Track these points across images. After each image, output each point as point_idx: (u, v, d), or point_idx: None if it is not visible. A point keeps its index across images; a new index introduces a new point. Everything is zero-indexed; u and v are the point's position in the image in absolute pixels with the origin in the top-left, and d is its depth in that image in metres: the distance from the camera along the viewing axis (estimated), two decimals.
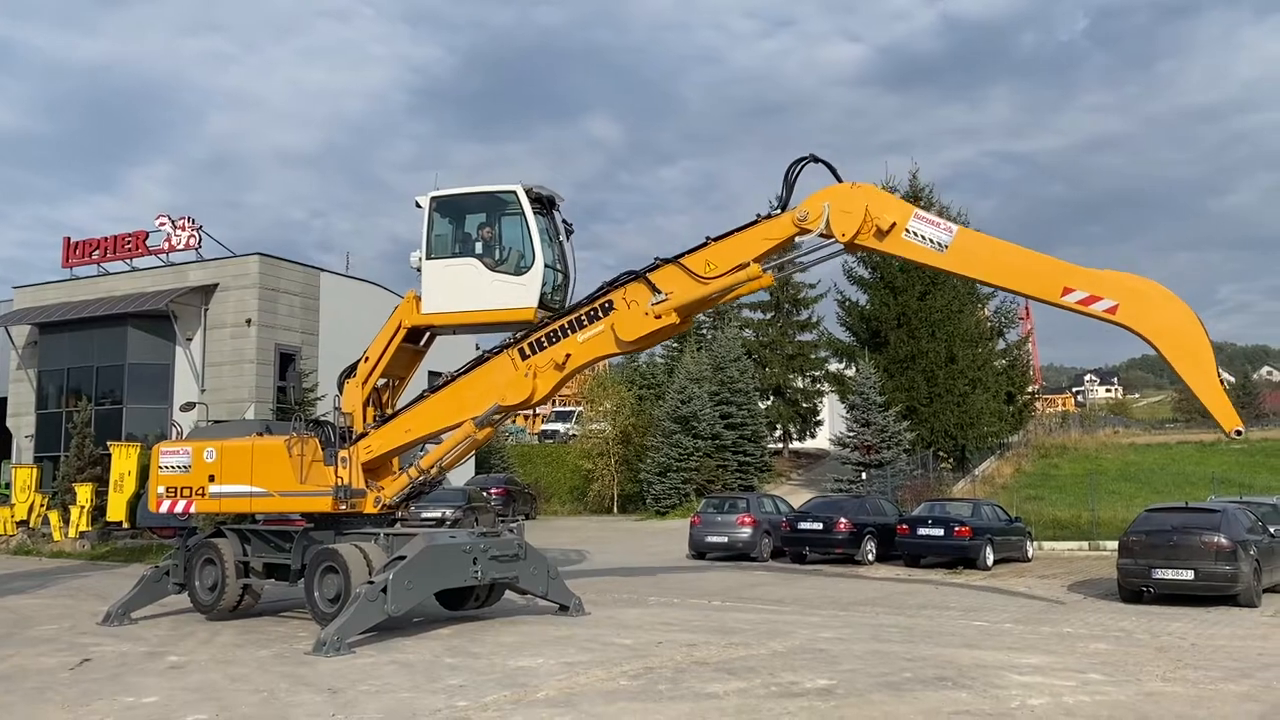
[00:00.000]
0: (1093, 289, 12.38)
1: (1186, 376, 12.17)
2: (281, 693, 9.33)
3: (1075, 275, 12.58)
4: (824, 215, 13.17)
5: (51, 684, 9.88)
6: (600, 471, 42.28)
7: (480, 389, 14.21)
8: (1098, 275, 12.56)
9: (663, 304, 13.45)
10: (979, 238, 13.34)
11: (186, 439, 15.55)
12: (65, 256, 35.99)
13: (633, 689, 9.29)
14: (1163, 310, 12.17)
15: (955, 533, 21.62)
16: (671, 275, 13.69)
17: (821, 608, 15.64)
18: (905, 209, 13.21)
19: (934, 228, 13.00)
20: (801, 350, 47.78)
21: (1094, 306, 12.29)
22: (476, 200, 15.02)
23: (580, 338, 13.84)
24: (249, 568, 14.57)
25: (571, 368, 14.03)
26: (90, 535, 27.74)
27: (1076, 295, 12.38)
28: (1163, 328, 12.20)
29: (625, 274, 13.99)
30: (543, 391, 13.98)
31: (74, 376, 35.35)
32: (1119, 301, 12.25)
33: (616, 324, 13.65)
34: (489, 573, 13.59)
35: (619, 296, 13.80)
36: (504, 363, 14.18)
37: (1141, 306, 12.23)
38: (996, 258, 13.05)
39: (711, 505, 25.66)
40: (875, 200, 13.22)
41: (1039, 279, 12.81)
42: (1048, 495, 33.27)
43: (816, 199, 13.42)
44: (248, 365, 32.67)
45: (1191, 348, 12.07)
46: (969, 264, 13.04)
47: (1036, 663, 10.63)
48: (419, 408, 14.64)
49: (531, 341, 14.03)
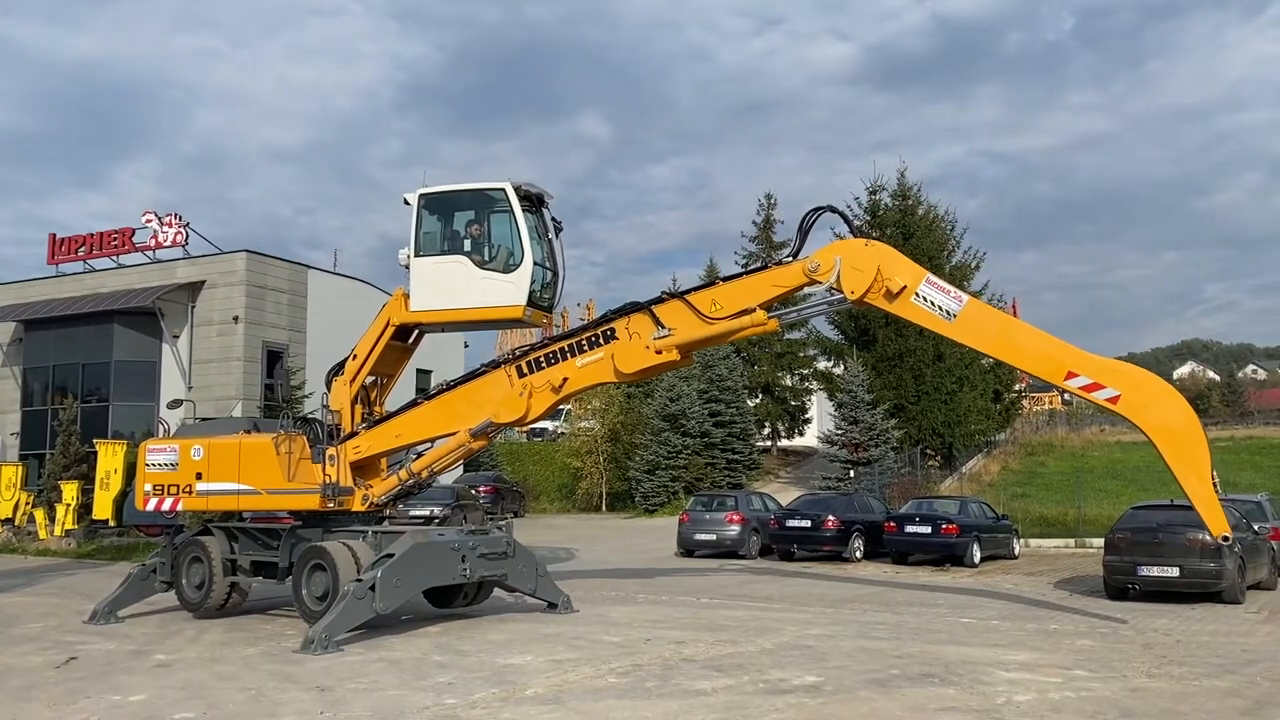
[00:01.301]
0: (1096, 377, 12.45)
1: (1181, 476, 12.18)
2: (269, 691, 9.31)
3: (1079, 361, 12.61)
4: (835, 270, 13.07)
5: (37, 683, 9.84)
6: (589, 469, 42.32)
7: (474, 402, 14.15)
8: (1102, 364, 12.69)
9: (665, 339, 13.40)
10: (988, 311, 13.33)
11: (174, 437, 15.47)
12: (51, 253, 35.83)
13: (621, 686, 9.30)
14: (1163, 407, 12.24)
15: (942, 530, 21.71)
16: (676, 310, 13.64)
17: (809, 605, 15.68)
18: (918, 273, 13.05)
19: (944, 295, 12.87)
20: (790, 348, 47.86)
21: (1096, 394, 12.41)
22: (465, 197, 14.96)
23: (579, 362, 13.78)
24: (236, 566, 14.52)
25: (567, 391, 13.99)
26: (76, 533, 27.59)
27: (1080, 381, 12.48)
28: (1162, 425, 12.23)
29: (630, 304, 13.96)
30: (536, 412, 13.89)
31: (59, 374, 35.20)
32: (1121, 393, 12.31)
33: (617, 354, 13.59)
34: (477, 570, 13.58)
35: (622, 326, 13.74)
36: (500, 379, 14.12)
37: (1143, 400, 12.31)
38: (1003, 335, 13.10)
39: (700, 503, 25.70)
40: (888, 261, 13.08)
41: (1044, 361, 12.85)
42: (1034, 493, 33.42)
43: (829, 252, 13.33)
44: (235, 363, 32.57)
45: (1189, 448, 12.09)
46: (976, 336, 13.02)
47: (1023, 659, 10.68)
48: (411, 414, 14.57)
49: (529, 360, 13.97)
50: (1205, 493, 12.10)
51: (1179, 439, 12.16)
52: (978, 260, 39.81)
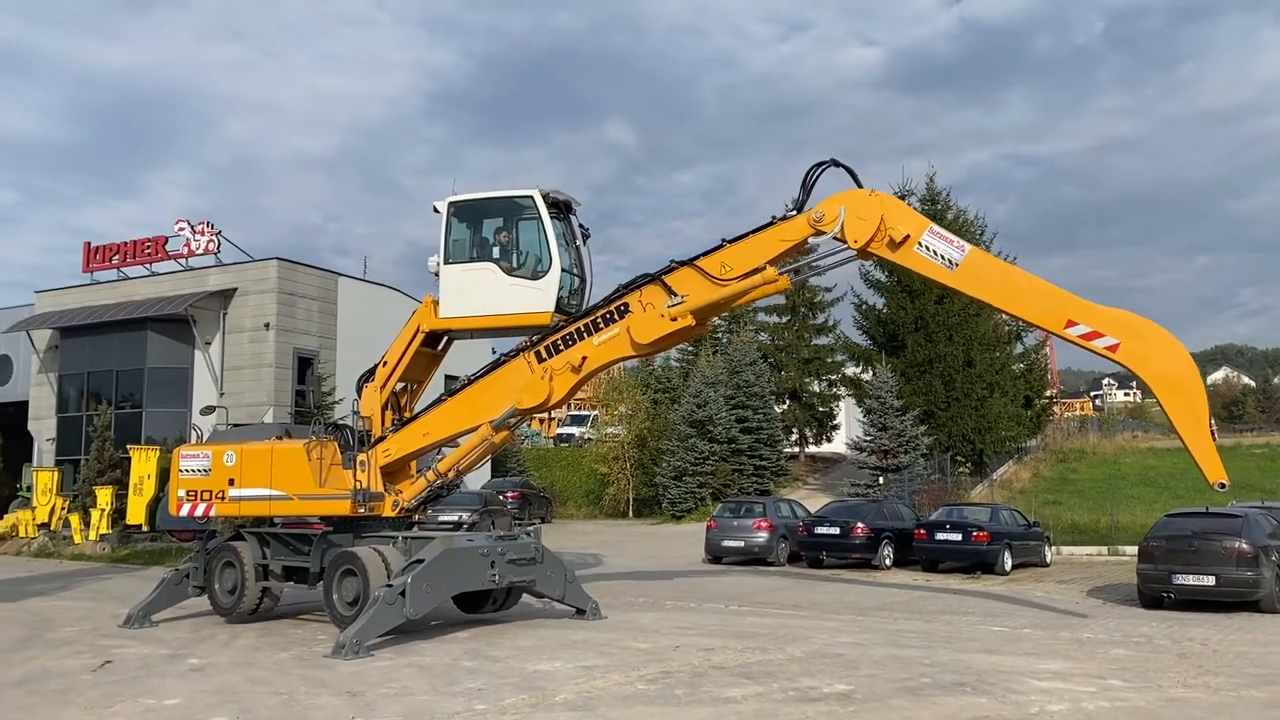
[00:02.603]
0: (1096, 325, 12.44)
1: (1179, 424, 12.15)
2: (301, 695, 9.38)
3: (1080, 309, 12.62)
4: (839, 219, 13.18)
5: (74, 686, 9.96)
6: (616, 475, 42.31)
7: (497, 392, 14.25)
8: (1102, 312, 12.61)
9: (679, 306, 13.48)
10: (990, 260, 13.39)
11: (206, 443, 15.62)
12: (86, 261, 36.29)
13: (650, 693, 9.29)
14: (1163, 355, 12.22)
15: (973, 538, 21.53)
16: (687, 277, 13.71)
17: (839, 613, 15.60)
18: (921, 223, 13.17)
19: (947, 244, 12.98)
20: (818, 354, 47.67)
21: (1095, 343, 12.39)
22: (494, 205, 15.06)
23: (596, 340, 13.88)
24: (268, 570, 14.64)
25: (588, 370, 14.06)
26: (110, 538, 27.92)
27: (1079, 329, 12.47)
28: (1161, 373, 12.24)
29: (641, 277, 14.01)
30: (559, 394, 14.00)
31: (94, 380, 35.61)
32: (1120, 340, 12.32)
33: (632, 327, 13.68)
34: (506, 576, 13.62)
35: (635, 299, 13.83)
36: (520, 366, 14.22)
37: (1142, 349, 12.30)
38: (1005, 281, 13.12)
39: (728, 509, 25.62)
40: (891, 210, 13.20)
41: (1044, 308, 12.88)
42: (1066, 500, 33.07)
43: (834, 201, 13.43)
44: (266, 369, 32.84)
45: (1189, 396, 12.09)
46: (977, 284, 13.05)
47: (1056, 668, 10.58)
48: (436, 411, 14.70)
49: (548, 345, 14.06)
50: (1204, 441, 11.98)
51: (1179, 388, 12.08)
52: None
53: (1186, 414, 12.08)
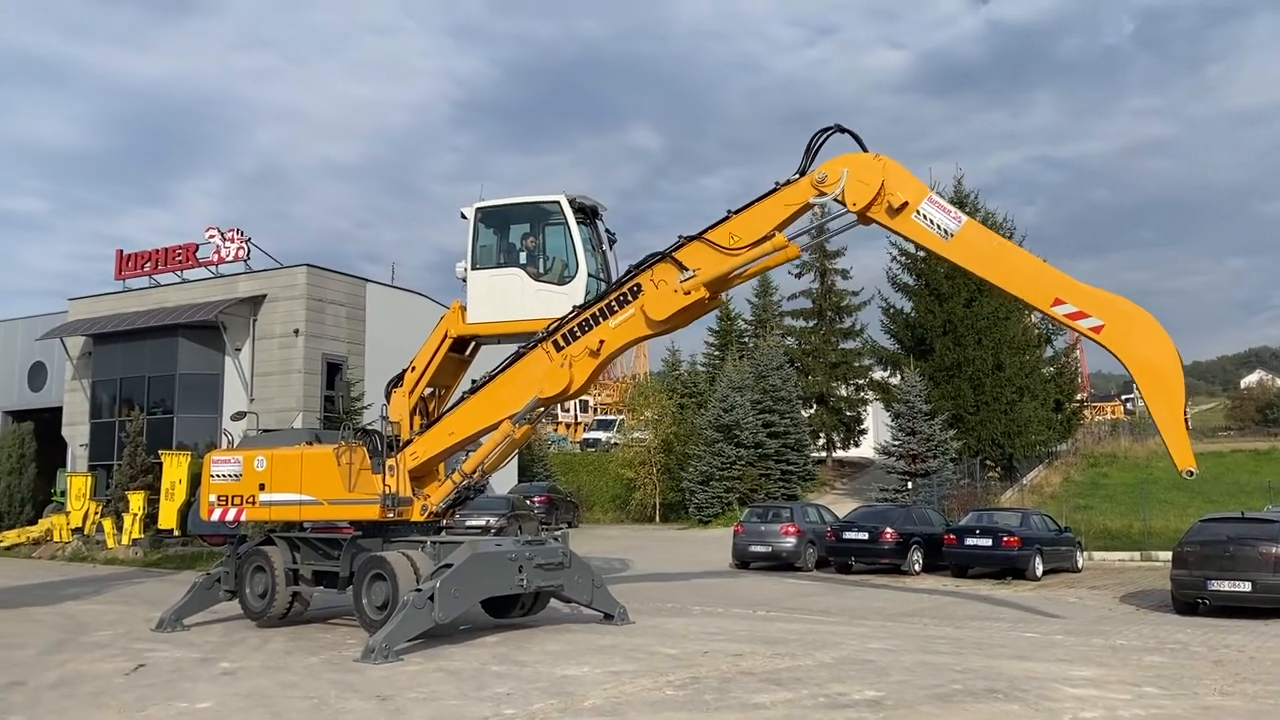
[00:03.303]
0: (1082, 305, 12.47)
1: (1154, 409, 12.24)
2: (331, 699, 9.42)
3: (1069, 289, 12.66)
4: (842, 180, 13.15)
5: (108, 689, 10.06)
6: (642, 480, 42.28)
7: (518, 384, 14.30)
8: (1090, 293, 12.64)
9: (691, 280, 13.45)
10: (985, 234, 13.33)
11: (237, 448, 15.76)
12: (118, 269, 36.78)
13: (679, 699, 9.26)
14: (1146, 340, 12.23)
15: (1003, 543, 21.35)
16: (697, 251, 13.69)
17: (868, 618, 15.51)
18: (920, 190, 13.14)
19: (944, 214, 12.99)
20: (845, 358, 47.46)
21: (1080, 322, 12.46)
22: (520, 211, 15.13)
23: (612, 323, 13.87)
24: (298, 575, 14.72)
25: (606, 353, 14.05)
26: (143, 542, 28.21)
27: (1066, 308, 12.52)
28: (1142, 358, 12.27)
29: (651, 255, 13.98)
30: (580, 380, 14.01)
31: (126, 386, 36.04)
32: (1105, 322, 12.34)
33: (646, 305, 13.67)
34: (534, 581, 13.64)
35: (646, 279, 13.81)
36: (539, 356, 14.25)
37: (1126, 331, 12.32)
38: (998, 256, 13.14)
39: (755, 514, 25.55)
40: (894, 175, 13.16)
41: (1033, 285, 12.92)
42: (1098, 505, 32.75)
43: (837, 163, 13.41)
44: (295, 375, 33.12)
45: (1167, 382, 12.12)
46: (970, 256, 13.05)
47: (1090, 675, 10.45)
48: (460, 410, 14.75)
49: (564, 333, 14.09)
50: (1177, 428, 12.09)
51: (1158, 373, 12.12)
52: None
53: (1164, 400, 12.13)
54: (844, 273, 48.55)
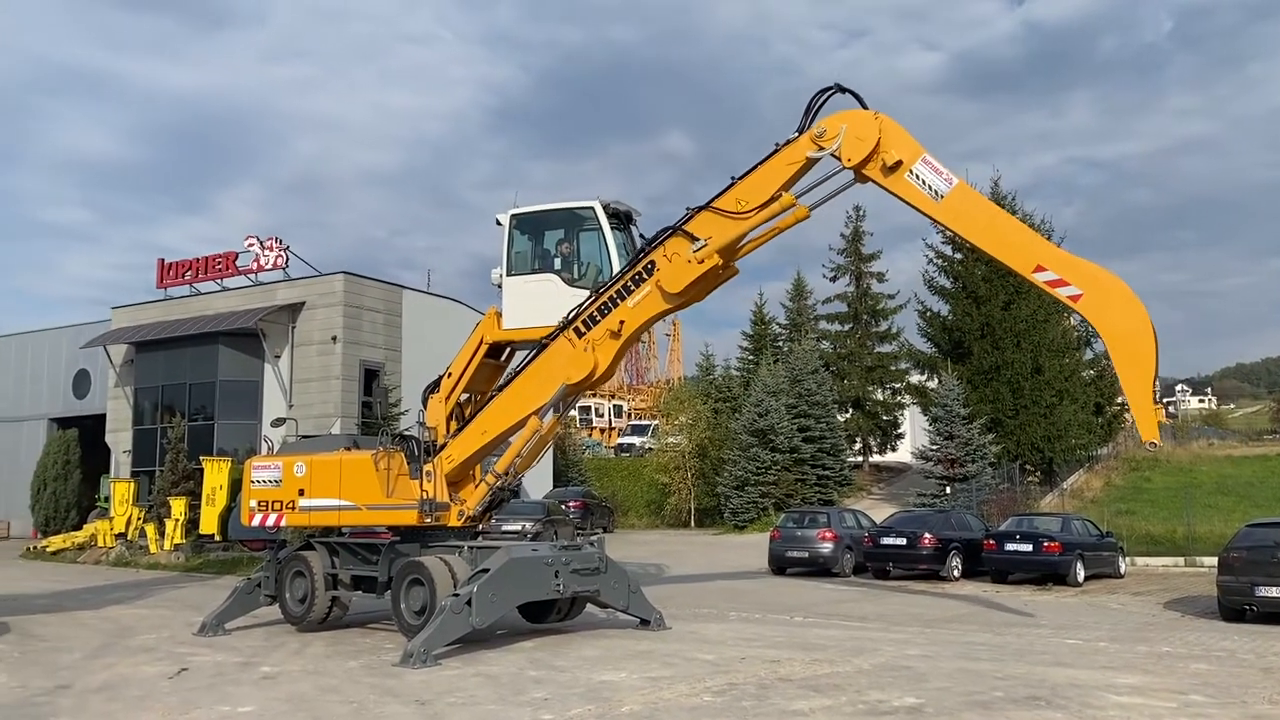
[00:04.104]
0: (1062, 273, 12.56)
1: (1125, 380, 12.37)
2: (371, 704, 9.48)
3: (1051, 257, 12.83)
4: (840, 136, 13.22)
5: (152, 692, 10.19)
6: (677, 485, 42.22)
7: (544, 376, 14.38)
8: (1072, 261, 12.78)
9: (704, 249, 13.54)
10: (975, 196, 13.31)
11: (277, 454, 15.91)
12: (160, 277, 37.29)
13: (717, 705, 9.23)
14: (1123, 312, 12.27)
15: (1044, 548, 21.10)
16: (707, 221, 13.75)
17: (907, 624, 15.38)
18: (915, 151, 13.16)
19: (936, 175, 12.99)
20: (881, 362, 47.19)
21: (1059, 290, 12.56)
22: (555, 217, 15.22)
23: (630, 303, 13.96)
24: (337, 580, 14.84)
25: (627, 333, 14.12)
26: (184, 548, 28.54)
27: (1046, 275, 12.59)
28: (1118, 328, 12.32)
29: (661, 231, 14.08)
30: (604, 363, 14.07)
31: (168, 393, 36.55)
32: (1084, 292, 12.42)
33: (662, 279, 13.75)
34: (570, 586, 13.66)
35: (659, 255, 13.89)
36: (562, 346, 14.33)
37: (1103, 302, 12.39)
38: (986, 220, 13.17)
39: (791, 519, 25.42)
40: (890, 133, 13.19)
41: (1017, 251, 12.97)
42: (1140, 509, 32.30)
43: (836, 119, 13.47)
44: (334, 381, 33.42)
45: (1140, 354, 12.14)
46: (958, 218, 13.07)
47: (1134, 683, 10.29)
48: (490, 407, 14.82)
49: (584, 319, 14.19)
50: (1146, 401, 12.10)
51: (1132, 345, 12.17)
52: None
53: (1135, 371, 12.16)
54: (879, 276, 48.32)
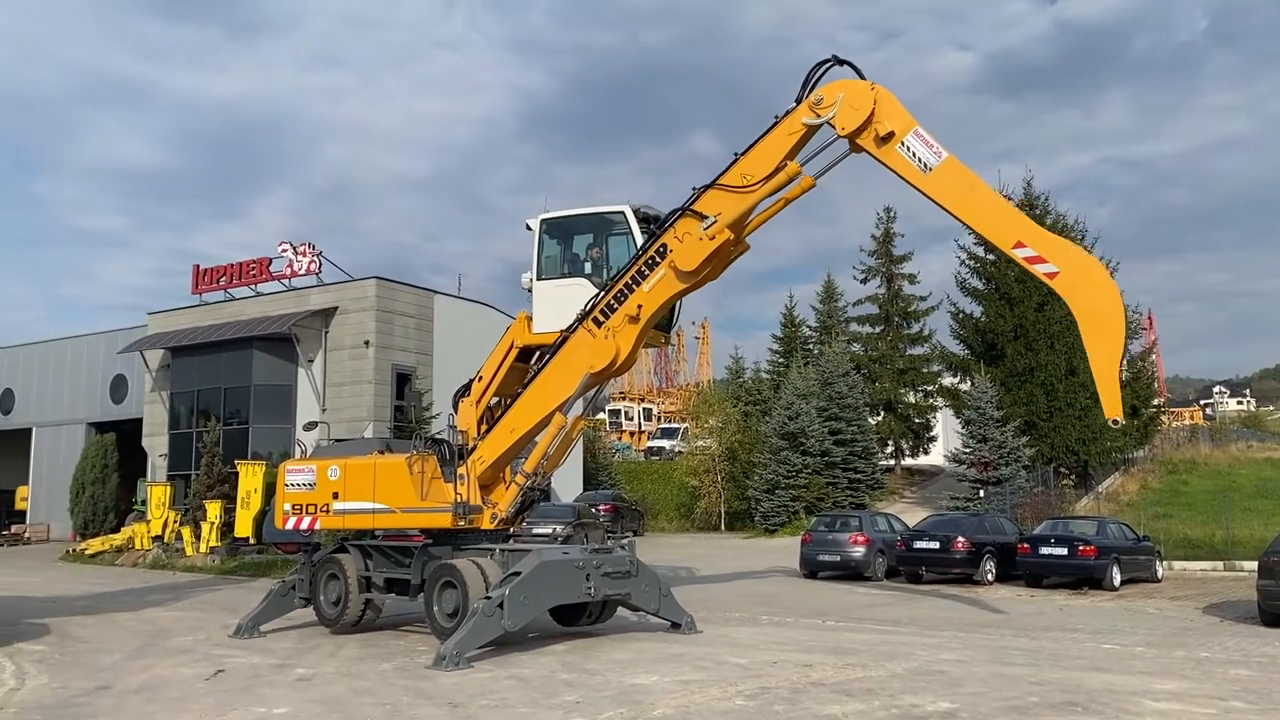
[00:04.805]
0: (1041, 250, 12.72)
1: (1094, 358, 12.48)
2: (404, 706, 9.54)
3: (1031, 234, 12.96)
4: (836, 104, 13.34)
5: (190, 694, 10.31)
6: (707, 488, 42.13)
7: (567, 368, 14.47)
8: (1052, 240, 13.05)
9: (714, 225, 13.64)
10: (962, 171, 13.35)
11: (310, 457, 16.05)
12: (195, 283, 37.74)
13: (749, 709, 9.21)
14: (1097, 292, 12.47)
15: (1079, 552, 20.88)
16: (715, 199, 13.84)
17: (940, 629, 15.27)
18: (908, 123, 13.25)
19: (926, 148, 13.08)
20: (913, 364, 46.86)
21: (1037, 267, 12.73)
22: (585, 221, 15.33)
23: (645, 287, 14.08)
24: (370, 583, 14.95)
25: (645, 317, 14.19)
26: (220, 550, 28.87)
27: (1025, 251, 12.76)
28: (1091, 308, 12.48)
29: (671, 213, 14.19)
30: (625, 348, 14.15)
31: (203, 398, 36.96)
32: (1060, 270, 12.61)
33: (676, 259, 13.85)
34: (602, 589, 13.68)
35: (670, 237, 13.98)
36: (582, 337, 14.42)
37: (1079, 282, 12.57)
38: (970, 194, 13.18)
39: (823, 523, 25.32)
40: (885, 104, 13.26)
41: (999, 226, 13.13)
42: (1177, 513, 31.84)
43: (834, 87, 13.55)
44: (366, 385, 33.66)
45: (1109, 333, 12.38)
46: (944, 192, 13.10)
47: (1172, 689, 10.16)
48: (516, 406, 14.90)
49: (601, 309, 14.29)
50: (1112, 377, 12.35)
51: (1103, 323, 12.38)
52: (1111, 271, 38.30)
53: (1104, 350, 12.38)
54: (911, 277, 48.00)
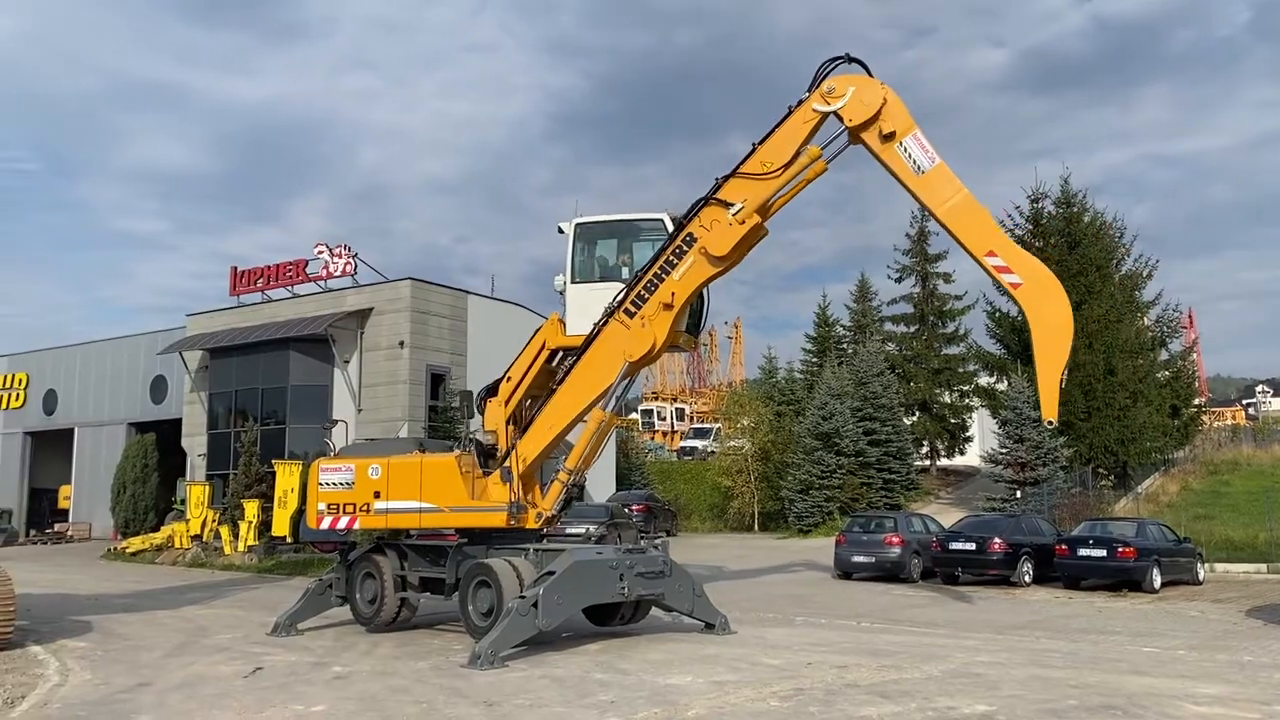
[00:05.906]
0: (1010, 262, 13.51)
1: (1041, 362, 13.36)
2: (440, 705, 9.60)
3: (1004, 247, 13.72)
4: (847, 94, 13.75)
5: (228, 691, 10.44)
6: (740, 489, 42.04)
7: (603, 359, 14.55)
8: (1020, 254, 13.81)
9: (741, 210, 14.00)
10: (950, 177, 13.75)
11: (345, 456, 16.04)
12: (233, 285, 38.26)
13: (784, 710, 9.17)
14: (1054, 306, 13.31)
15: (1119, 553, 20.61)
16: (738, 186, 14.18)
17: (977, 631, 15.14)
18: (909, 125, 13.70)
19: (922, 152, 13.62)
20: (948, 364, 46.45)
21: (1004, 276, 13.53)
22: (619, 227, 15.52)
23: (677, 275, 14.28)
24: (406, 582, 15.04)
25: (679, 303, 14.38)
26: (257, 549, 29.20)
27: (996, 261, 13.49)
28: (1046, 319, 13.38)
29: (694, 204, 14.42)
30: (661, 335, 14.30)
31: (241, 398, 37.45)
32: (1024, 282, 13.41)
33: (707, 245, 14.11)
34: (635, 589, 13.68)
35: (696, 226, 14.24)
36: (616, 329, 14.51)
37: (1040, 295, 13.40)
38: (954, 200, 13.67)
39: (857, 524, 25.18)
40: (892, 104, 13.70)
41: (976, 234, 13.68)
42: (1219, 514, 31.35)
43: (845, 80, 13.98)
44: (401, 385, 33.94)
45: (1060, 344, 13.26)
46: (931, 194, 13.66)
47: (1215, 693, 10.00)
48: (553, 401, 14.93)
49: (633, 299, 14.41)
50: (1053, 382, 13.22)
51: (1055, 334, 13.29)
52: (1150, 269, 37.81)
53: (1050, 355, 13.27)
54: (946, 276, 47.58)
